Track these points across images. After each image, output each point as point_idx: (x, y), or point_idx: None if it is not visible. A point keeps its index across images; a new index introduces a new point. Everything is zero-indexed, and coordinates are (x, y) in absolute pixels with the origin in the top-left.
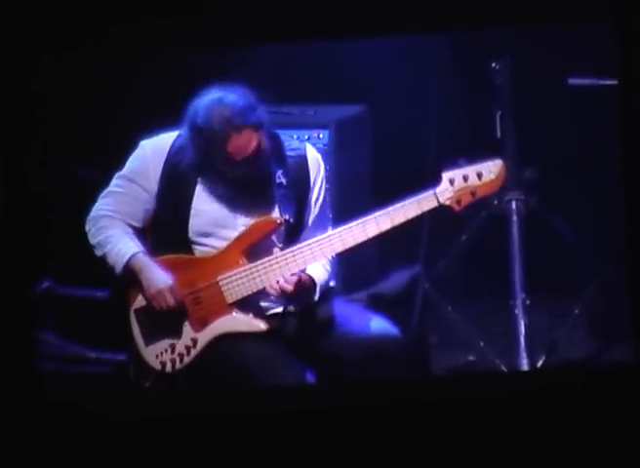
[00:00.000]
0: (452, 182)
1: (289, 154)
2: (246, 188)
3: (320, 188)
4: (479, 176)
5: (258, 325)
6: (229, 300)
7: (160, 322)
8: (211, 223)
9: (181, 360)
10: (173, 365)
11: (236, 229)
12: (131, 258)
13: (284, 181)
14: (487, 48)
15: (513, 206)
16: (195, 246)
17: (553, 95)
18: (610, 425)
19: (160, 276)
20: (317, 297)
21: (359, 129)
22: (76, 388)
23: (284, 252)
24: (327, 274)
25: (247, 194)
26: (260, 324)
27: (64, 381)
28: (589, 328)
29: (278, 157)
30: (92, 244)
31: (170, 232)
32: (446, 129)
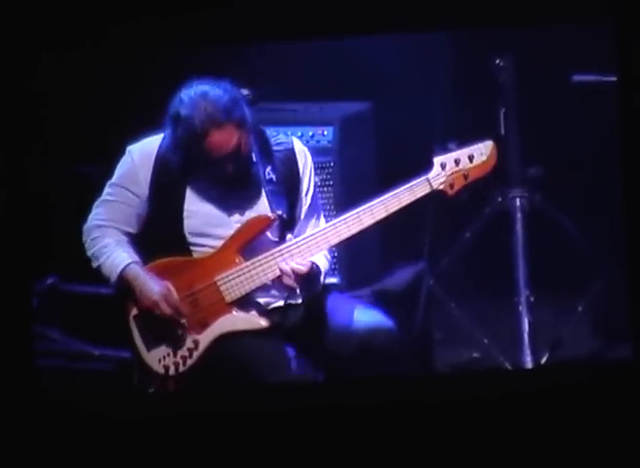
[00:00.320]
0: (443, 167)
1: (276, 149)
2: (236, 186)
3: (309, 179)
4: (470, 159)
5: (258, 322)
6: (228, 299)
7: (160, 327)
8: (204, 223)
9: (184, 362)
10: (176, 368)
11: (230, 228)
12: (124, 270)
13: (274, 177)
14: (491, 45)
15: (517, 203)
16: (193, 247)
17: (558, 91)
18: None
19: (153, 286)
20: (320, 287)
21: (363, 126)
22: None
23: (280, 247)
24: (328, 263)
25: (238, 192)
26: (261, 321)
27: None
28: (593, 325)
29: (265, 153)
30: (88, 256)
31: (166, 235)
32: (450, 126)
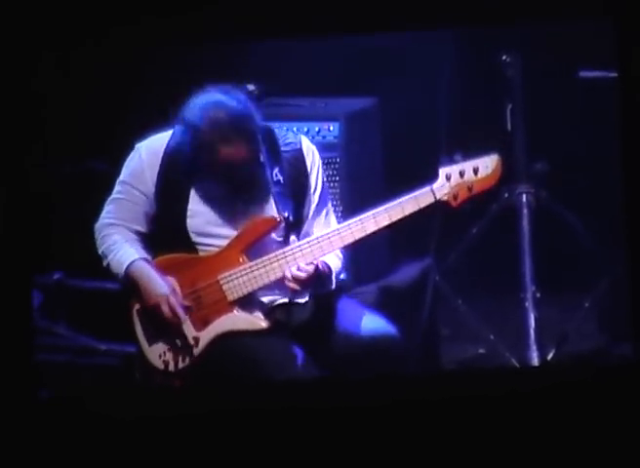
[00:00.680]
0: (448, 178)
1: (284, 149)
2: (243, 188)
3: (317, 177)
4: (475, 172)
5: (258, 323)
6: (230, 299)
7: (161, 323)
8: (209, 223)
9: (184, 359)
10: (176, 364)
11: (235, 228)
12: (129, 266)
13: (281, 179)
14: (497, 41)
15: (524, 199)
16: (198, 246)
17: (564, 87)
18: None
19: (157, 285)
20: (334, 286)
21: (369, 121)
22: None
23: (284, 250)
24: (340, 262)
25: (244, 193)
26: (261, 322)
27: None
28: (599, 321)
29: (274, 154)
30: (99, 254)
31: (172, 233)
32: (456, 122)
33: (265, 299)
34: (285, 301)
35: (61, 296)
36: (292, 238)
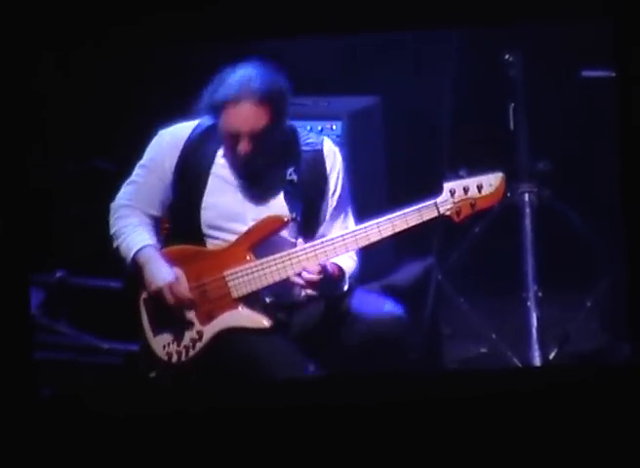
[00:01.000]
0: (452, 193)
1: (304, 149)
2: (257, 184)
3: (337, 180)
4: (479, 189)
5: (261, 321)
6: (235, 295)
7: (167, 313)
8: (221, 217)
9: (187, 352)
10: (179, 356)
11: (246, 224)
12: (137, 252)
13: (295, 178)
14: (500, 40)
15: (526, 198)
16: (207, 238)
17: (567, 87)
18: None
19: (162, 273)
20: (346, 288)
21: (372, 120)
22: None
23: (288, 251)
24: (354, 264)
25: (258, 189)
26: (264, 320)
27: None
28: (602, 320)
29: (292, 152)
30: (110, 234)
31: (183, 223)
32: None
33: (270, 299)
34: (290, 302)
35: (64, 295)
36: (298, 241)
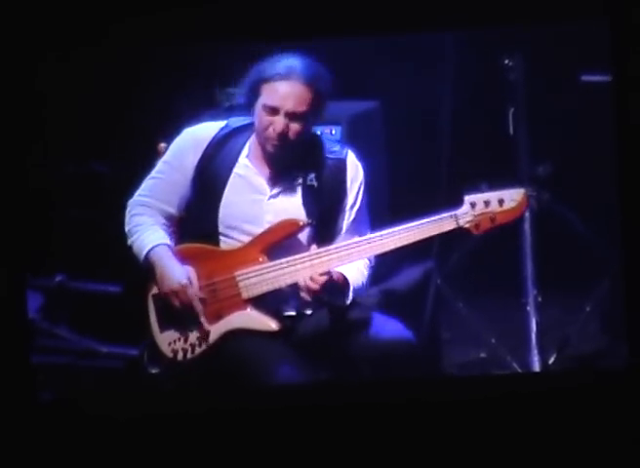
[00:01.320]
0: (473, 206)
1: (327, 156)
2: (277, 185)
3: (357, 193)
4: (500, 203)
5: (269, 324)
6: (244, 296)
7: (175, 311)
8: (238, 217)
9: (193, 350)
10: (184, 354)
11: (262, 226)
12: (150, 251)
13: (315, 184)
14: (499, 44)
15: None
16: (222, 237)
17: (566, 91)
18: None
19: (174, 273)
20: (349, 301)
21: (372, 124)
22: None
23: (302, 255)
24: (362, 277)
25: (277, 192)
26: (272, 323)
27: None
28: (601, 325)
29: (316, 158)
30: (125, 231)
31: (200, 221)
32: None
33: (280, 303)
34: (297, 310)
35: (63, 299)
36: (312, 246)
